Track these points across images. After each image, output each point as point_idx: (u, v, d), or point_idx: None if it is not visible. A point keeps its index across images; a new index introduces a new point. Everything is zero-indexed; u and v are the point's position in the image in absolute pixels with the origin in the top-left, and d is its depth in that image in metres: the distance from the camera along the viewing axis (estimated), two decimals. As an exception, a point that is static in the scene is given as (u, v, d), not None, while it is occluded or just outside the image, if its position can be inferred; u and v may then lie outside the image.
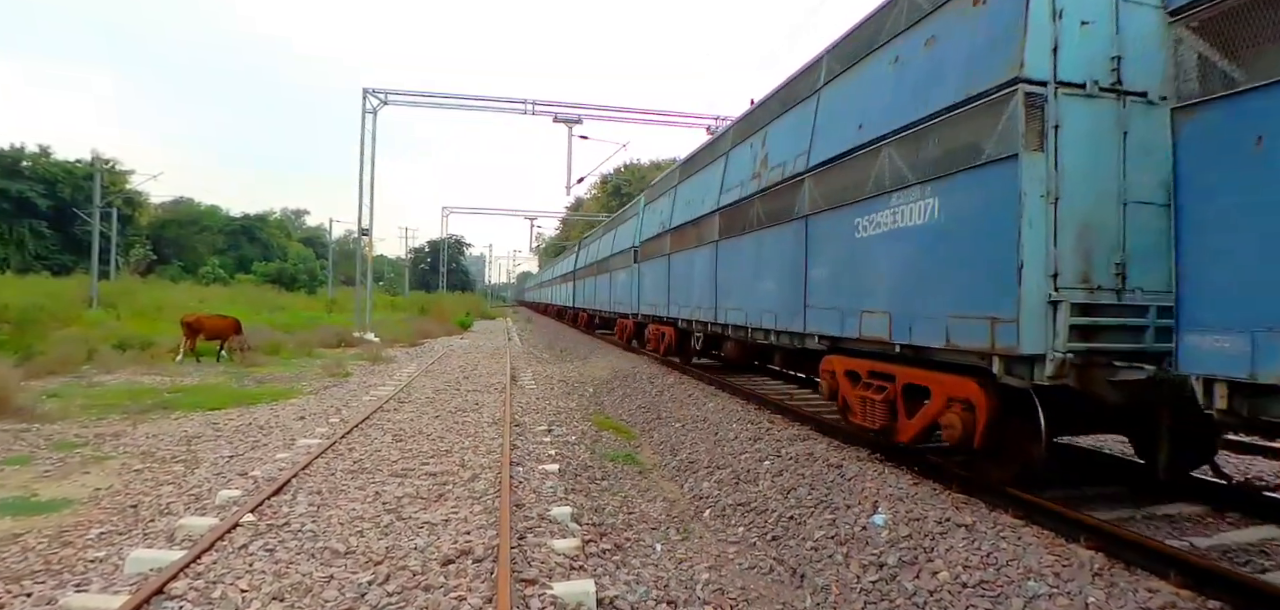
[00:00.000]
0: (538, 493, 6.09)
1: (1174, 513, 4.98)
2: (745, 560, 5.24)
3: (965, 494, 5.28)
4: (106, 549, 4.66)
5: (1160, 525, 4.75)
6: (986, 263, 4.82)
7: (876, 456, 6.50)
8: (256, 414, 9.56)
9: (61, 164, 51.10)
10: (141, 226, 57.35)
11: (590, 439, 8.96)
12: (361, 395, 11.44)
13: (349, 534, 4.89)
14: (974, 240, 4.97)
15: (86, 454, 7.20)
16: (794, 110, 8.33)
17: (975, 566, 4.22)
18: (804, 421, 8.23)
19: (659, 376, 13.41)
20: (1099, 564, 3.94)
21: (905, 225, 5.74)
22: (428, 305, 42.32)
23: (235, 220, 69.81)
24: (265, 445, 7.71)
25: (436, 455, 7.29)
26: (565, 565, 4.54)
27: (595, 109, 23.59)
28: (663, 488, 7.18)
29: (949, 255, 5.23)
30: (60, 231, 48.47)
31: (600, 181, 64.67)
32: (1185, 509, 5.04)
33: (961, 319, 5.06)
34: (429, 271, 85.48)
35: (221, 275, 53.43)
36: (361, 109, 22.90)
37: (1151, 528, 4.66)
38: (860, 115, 6.60)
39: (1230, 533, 4.63)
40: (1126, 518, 4.78)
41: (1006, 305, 4.60)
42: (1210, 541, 4.45)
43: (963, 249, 5.08)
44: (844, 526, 5.21)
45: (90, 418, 8.93)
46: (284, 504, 5.47)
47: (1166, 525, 4.76)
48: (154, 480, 6.34)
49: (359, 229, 24.27)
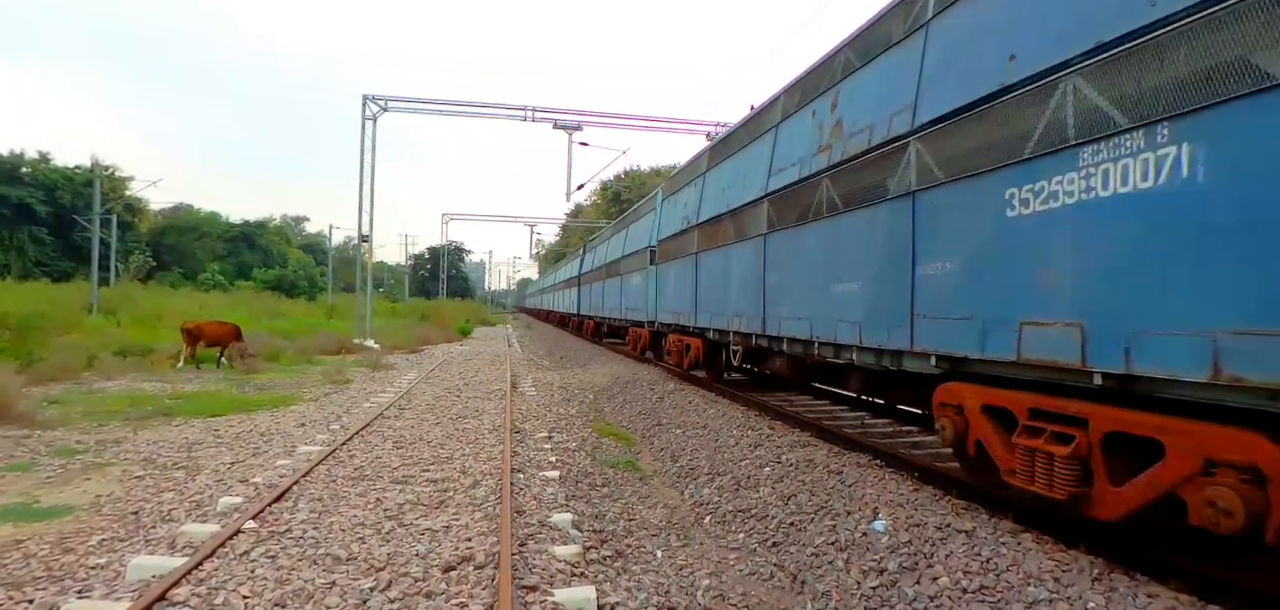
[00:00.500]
0: (539, 499, 6.10)
1: None
2: (746, 566, 5.25)
3: (965, 500, 5.28)
4: (108, 555, 4.66)
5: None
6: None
7: (877, 462, 6.49)
8: (257, 421, 9.56)
9: (61, 170, 51.21)
10: (141, 233, 57.42)
11: (591, 446, 8.97)
12: (362, 402, 11.44)
13: (350, 540, 4.89)
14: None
15: (88, 460, 7.21)
16: (886, 56, 6.39)
17: (975, 572, 4.23)
18: (804, 428, 8.23)
19: (659, 383, 13.41)
20: (1098, 569, 3.96)
21: (1115, 192, 3.81)
22: (428, 312, 42.35)
23: (235, 227, 69.93)
24: (266, 452, 7.71)
25: (437, 462, 7.29)
26: (566, 572, 4.55)
27: (595, 116, 23.67)
28: (663, 494, 7.19)
29: (1217, 234, 3.30)
30: (60, 238, 48.56)
31: (600, 188, 64.79)
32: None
33: (1249, 336, 3.15)
34: (429, 278, 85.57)
35: (221, 282, 53.44)
36: (361, 116, 22.98)
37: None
38: (1012, 42, 4.67)
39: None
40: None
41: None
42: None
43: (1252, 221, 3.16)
44: (844, 532, 5.22)
45: (91, 424, 8.93)
46: (285, 511, 5.48)
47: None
48: (155, 487, 6.34)
49: (359, 235, 24.31)
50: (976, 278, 4.89)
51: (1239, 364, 3.18)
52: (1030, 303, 4.38)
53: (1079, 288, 4.04)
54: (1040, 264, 4.31)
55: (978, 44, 5.05)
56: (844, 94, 7.14)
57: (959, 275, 5.08)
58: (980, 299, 4.85)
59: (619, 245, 20.87)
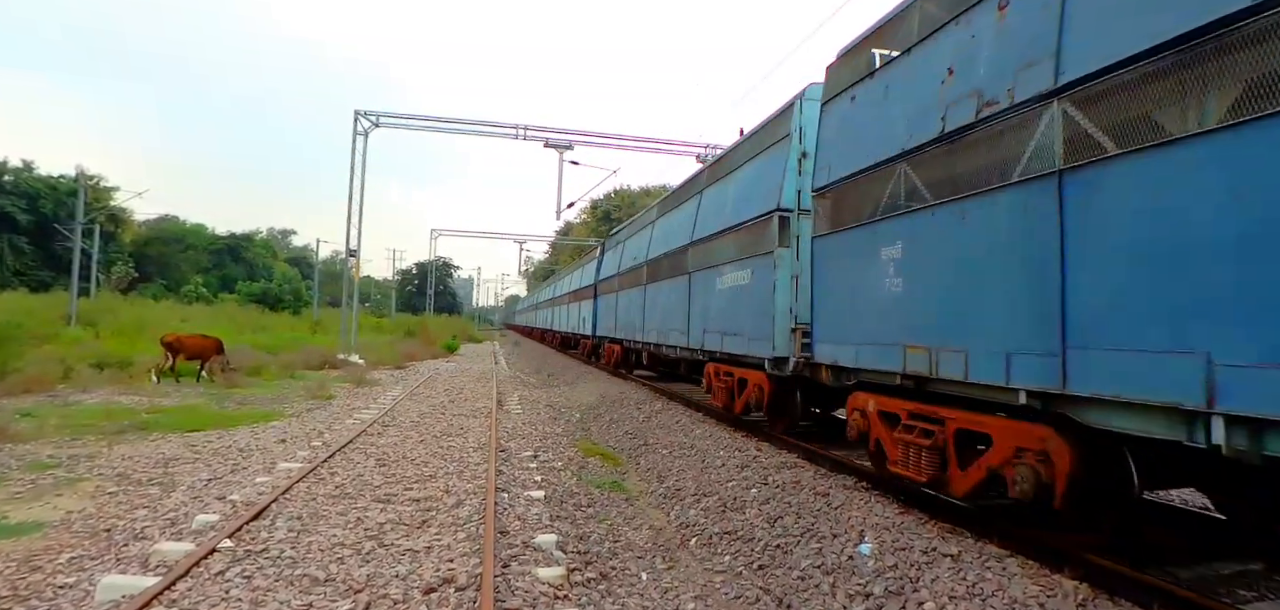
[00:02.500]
0: (523, 520, 6.02)
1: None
2: (731, 589, 5.19)
3: (951, 524, 5.28)
4: (77, 574, 4.53)
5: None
6: None
7: (863, 485, 6.49)
8: (236, 436, 9.40)
9: (44, 179, 50.60)
10: (124, 244, 56.72)
11: (577, 465, 8.89)
12: (345, 418, 11.29)
13: (329, 561, 4.79)
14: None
15: (60, 475, 7.03)
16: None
17: (961, 597, 4.21)
18: (791, 449, 8.22)
19: (646, 403, 13.36)
20: (1083, 595, 3.95)
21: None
22: (414, 328, 42.05)
23: (220, 239, 69.31)
24: (245, 468, 7.57)
25: (420, 481, 7.19)
26: (549, 595, 4.48)
27: (586, 135, 23.79)
28: (649, 515, 7.12)
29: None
30: (40, 247, 47.84)
31: (590, 206, 64.94)
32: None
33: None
34: (416, 293, 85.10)
35: (205, 294, 52.85)
36: (352, 131, 22.94)
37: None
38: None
39: (1210, 565, 4.64)
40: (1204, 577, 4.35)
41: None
42: (1192, 572, 4.47)
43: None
44: (830, 556, 5.19)
45: (64, 438, 8.74)
46: (263, 529, 5.36)
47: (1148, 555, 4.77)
48: (129, 503, 6.19)
49: (346, 250, 24.15)
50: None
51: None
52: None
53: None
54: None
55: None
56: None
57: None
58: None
59: (645, 245, 16.50)
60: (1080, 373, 3.94)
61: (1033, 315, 4.28)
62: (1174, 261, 3.41)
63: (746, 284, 9.13)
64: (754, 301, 8.78)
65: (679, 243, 12.77)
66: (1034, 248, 4.29)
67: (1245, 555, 4.70)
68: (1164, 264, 3.45)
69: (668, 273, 13.22)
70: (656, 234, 15.35)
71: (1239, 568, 4.54)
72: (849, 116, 6.75)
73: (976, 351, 4.80)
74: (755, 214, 9.02)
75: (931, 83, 5.40)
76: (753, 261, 8.96)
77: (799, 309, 7.85)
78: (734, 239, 9.81)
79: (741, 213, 9.68)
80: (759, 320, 8.53)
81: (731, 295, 9.74)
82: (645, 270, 15.34)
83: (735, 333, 9.41)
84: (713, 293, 10.46)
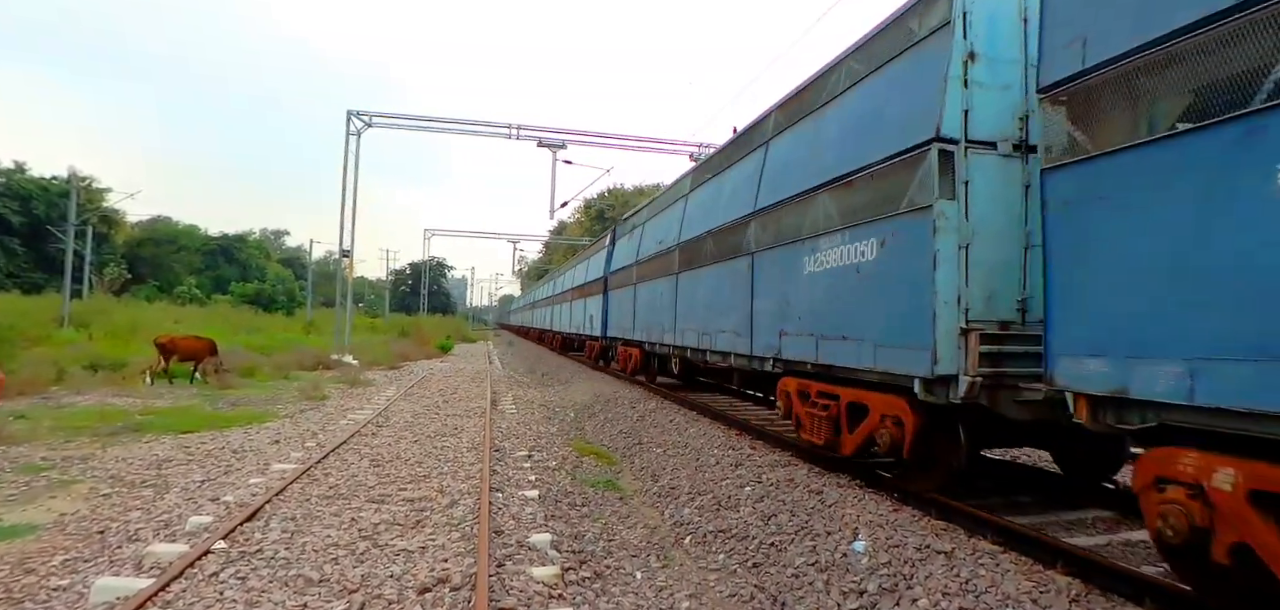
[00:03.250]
0: (517, 519, 6.03)
1: (1085, 517, 5.62)
2: (726, 587, 5.21)
3: (944, 521, 5.31)
4: (71, 576, 4.52)
5: (1074, 528, 5.37)
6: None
7: (857, 483, 6.52)
8: (230, 437, 9.37)
9: (36, 180, 50.30)
10: (117, 245, 56.42)
11: (571, 465, 8.90)
12: (339, 419, 11.27)
13: (323, 562, 4.79)
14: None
15: (53, 478, 7.01)
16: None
17: (954, 593, 4.24)
18: (785, 447, 8.24)
19: (641, 402, 13.37)
20: (1076, 590, 3.98)
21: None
22: (408, 328, 41.97)
23: (214, 240, 68.97)
24: (238, 470, 7.55)
25: (414, 481, 7.19)
26: (544, 594, 4.49)
27: (580, 134, 23.78)
28: (644, 514, 7.14)
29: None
30: (33, 249, 47.53)
31: (583, 206, 64.92)
32: (1095, 514, 5.71)
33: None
34: (410, 294, 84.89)
35: (198, 295, 52.60)
36: (346, 130, 22.87)
37: (1068, 533, 5.19)
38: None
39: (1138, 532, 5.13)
40: (1045, 522, 5.35)
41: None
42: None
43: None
44: (825, 553, 5.21)
45: (58, 440, 8.70)
46: (257, 530, 5.36)
47: (1080, 529, 5.36)
48: (122, 505, 6.18)
49: (340, 250, 24.08)
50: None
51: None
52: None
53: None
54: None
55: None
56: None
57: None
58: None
59: (675, 221, 13.94)
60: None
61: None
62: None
63: (868, 262, 6.05)
64: (886, 288, 5.80)
65: (732, 216, 9.54)
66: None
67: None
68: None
69: (713, 256, 10.18)
70: (691, 210, 12.15)
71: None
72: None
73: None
74: (888, 153, 5.84)
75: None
76: (883, 227, 5.87)
77: (971, 297, 5.07)
78: (841, 196, 6.59)
79: (856, 155, 6.40)
80: (899, 318, 5.61)
81: (836, 280, 6.59)
82: (676, 255, 12.22)
83: (844, 335, 6.42)
84: (797, 278, 7.30)
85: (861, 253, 6.20)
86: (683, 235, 12.19)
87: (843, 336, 6.47)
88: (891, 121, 5.94)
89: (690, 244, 11.62)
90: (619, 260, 18.28)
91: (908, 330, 5.47)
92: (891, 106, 6.07)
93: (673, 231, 12.94)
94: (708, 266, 10.57)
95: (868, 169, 6.12)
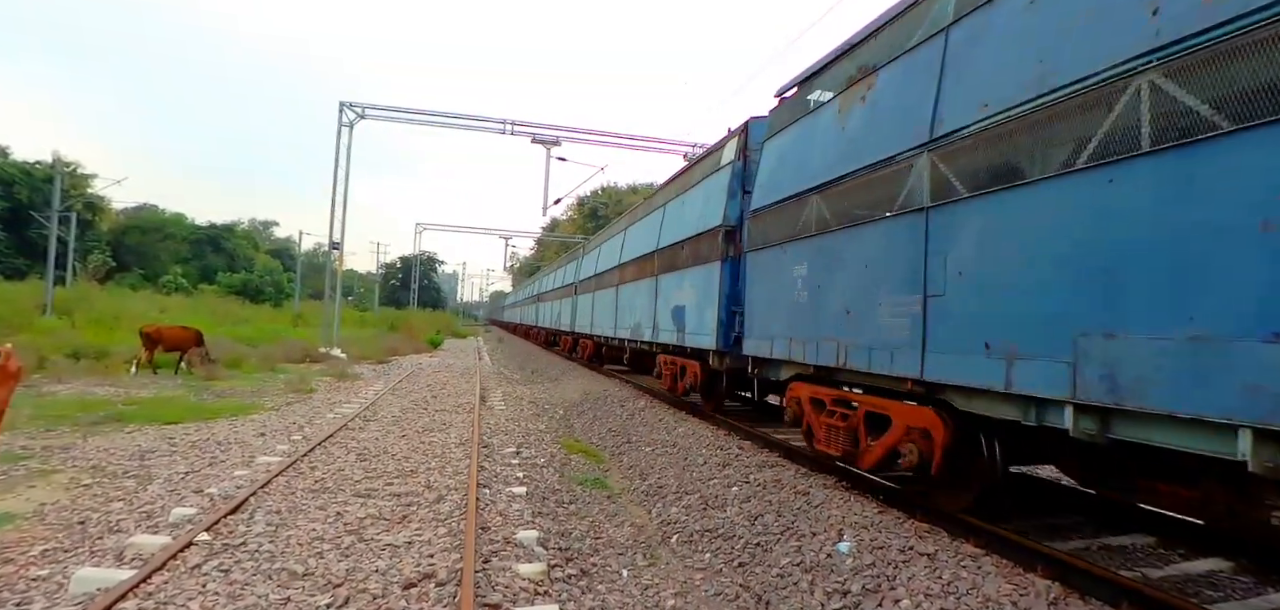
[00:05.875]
0: (504, 515, 6.02)
1: (1127, 544, 5.13)
2: (711, 586, 5.23)
3: (928, 523, 5.35)
4: (51, 567, 4.48)
5: (1114, 556, 4.88)
6: None
7: (842, 484, 6.56)
8: (215, 429, 9.30)
9: (19, 165, 49.58)
10: (102, 232, 55.72)
11: (559, 462, 8.90)
12: (326, 412, 11.21)
13: (308, 555, 4.77)
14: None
15: (33, 467, 6.92)
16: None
17: (936, 595, 4.28)
18: (773, 448, 8.28)
19: (630, 400, 13.38)
20: (1055, 593, 4.03)
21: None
22: (397, 322, 41.77)
23: (201, 229, 68.18)
24: (223, 462, 7.50)
25: (401, 475, 7.17)
26: (530, 590, 4.49)
27: (574, 131, 23.73)
28: (631, 512, 7.15)
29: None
30: (15, 235, 46.89)
31: (577, 203, 64.81)
32: (1138, 540, 5.19)
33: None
34: (400, 288, 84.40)
35: (184, 285, 52.03)
36: (338, 122, 22.72)
37: (1106, 558, 4.80)
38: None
39: (1179, 564, 4.77)
40: (1082, 549, 4.91)
41: None
42: (1161, 573, 4.59)
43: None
44: (809, 554, 5.24)
45: (38, 429, 8.59)
46: (241, 523, 5.32)
47: (1119, 556, 4.90)
48: (104, 496, 6.11)
49: (329, 242, 23.92)
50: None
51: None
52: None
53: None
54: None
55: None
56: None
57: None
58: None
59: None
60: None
61: None
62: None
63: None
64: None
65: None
66: None
67: (1212, 555, 4.87)
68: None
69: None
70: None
71: (1207, 568, 4.68)
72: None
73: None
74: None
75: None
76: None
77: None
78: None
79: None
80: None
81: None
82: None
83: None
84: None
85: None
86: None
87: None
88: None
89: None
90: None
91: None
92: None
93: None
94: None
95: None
